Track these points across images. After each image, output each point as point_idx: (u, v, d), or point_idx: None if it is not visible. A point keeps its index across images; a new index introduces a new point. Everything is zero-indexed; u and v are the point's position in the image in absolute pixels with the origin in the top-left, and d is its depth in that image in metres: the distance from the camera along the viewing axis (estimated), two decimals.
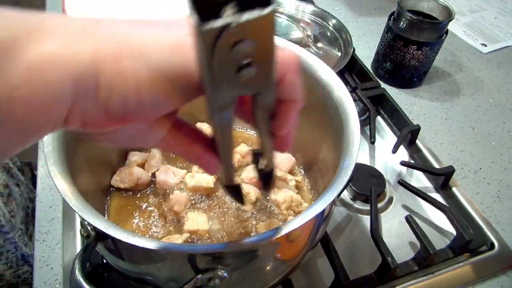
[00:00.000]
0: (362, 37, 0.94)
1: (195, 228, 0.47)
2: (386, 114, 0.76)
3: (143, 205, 0.52)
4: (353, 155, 0.39)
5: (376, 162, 0.69)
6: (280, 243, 0.38)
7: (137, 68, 0.19)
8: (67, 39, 0.18)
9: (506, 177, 0.68)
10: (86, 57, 0.19)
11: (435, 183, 0.65)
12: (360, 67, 0.82)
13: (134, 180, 0.52)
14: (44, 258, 0.53)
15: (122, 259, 0.40)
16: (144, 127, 0.24)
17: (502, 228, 0.61)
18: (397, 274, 0.53)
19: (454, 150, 0.72)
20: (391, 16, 0.78)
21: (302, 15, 0.89)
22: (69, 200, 0.36)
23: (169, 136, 0.26)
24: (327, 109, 0.46)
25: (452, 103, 0.81)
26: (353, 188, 0.62)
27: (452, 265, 0.56)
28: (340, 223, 0.61)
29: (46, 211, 0.58)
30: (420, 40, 0.74)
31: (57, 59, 0.18)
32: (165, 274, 0.40)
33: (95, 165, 0.49)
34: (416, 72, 0.80)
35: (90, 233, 0.37)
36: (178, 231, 0.48)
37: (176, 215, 0.50)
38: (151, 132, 0.25)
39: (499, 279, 0.55)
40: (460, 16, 1.02)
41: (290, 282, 0.50)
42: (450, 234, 0.59)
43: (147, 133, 0.25)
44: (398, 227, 0.60)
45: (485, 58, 0.91)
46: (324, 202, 0.36)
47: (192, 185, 0.52)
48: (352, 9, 1.02)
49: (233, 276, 0.37)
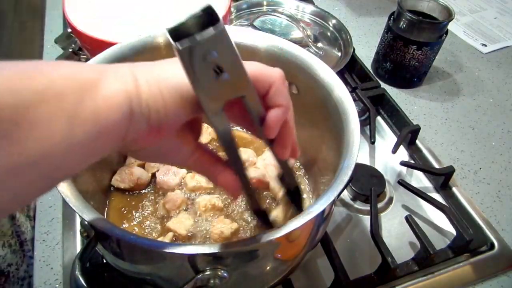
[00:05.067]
0: (362, 37, 0.94)
1: (174, 228, 0.47)
2: (386, 114, 0.76)
3: (143, 205, 0.52)
4: (353, 155, 0.39)
5: (376, 162, 0.69)
6: (280, 243, 0.38)
7: (162, 91, 0.28)
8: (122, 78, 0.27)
9: (506, 177, 0.68)
10: (134, 89, 0.27)
11: (435, 183, 0.65)
12: (360, 67, 0.82)
13: (134, 180, 0.52)
14: (44, 258, 0.53)
15: (122, 259, 0.40)
16: (174, 144, 0.32)
17: (502, 228, 0.61)
18: (397, 274, 0.53)
19: (454, 150, 0.72)
20: (391, 16, 0.79)
21: (302, 15, 0.89)
22: (69, 200, 0.36)
23: (195, 156, 0.34)
24: (327, 109, 0.46)
25: (452, 103, 0.81)
26: (353, 188, 0.62)
27: (452, 265, 0.56)
28: (340, 223, 0.61)
29: (46, 211, 0.58)
30: (420, 40, 0.74)
31: (121, 92, 0.26)
32: (165, 274, 0.40)
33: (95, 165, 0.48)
34: (416, 72, 0.80)
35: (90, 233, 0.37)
36: (165, 230, 0.49)
37: (167, 213, 0.50)
38: (179, 149, 0.33)
39: (499, 279, 0.55)
40: (460, 16, 1.02)
41: (290, 282, 0.50)
42: (450, 234, 0.59)
43: (176, 149, 0.33)
44: (398, 227, 0.60)
45: (485, 58, 0.91)
46: (324, 202, 0.36)
47: (192, 185, 0.52)
48: (352, 9, 1.02)
49: (233, 276, 0.37)
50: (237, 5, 0.88)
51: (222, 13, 0.64)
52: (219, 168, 0.35)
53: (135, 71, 0.28)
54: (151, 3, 0.66)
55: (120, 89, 0.26)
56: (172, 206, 0.50)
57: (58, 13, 0.93)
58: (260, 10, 0.90)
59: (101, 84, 0.26)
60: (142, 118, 0.28)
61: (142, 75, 0.28)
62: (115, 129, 0.27)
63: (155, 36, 0.50)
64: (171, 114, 0.28)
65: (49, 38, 0.86)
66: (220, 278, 0.36)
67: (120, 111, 0.26)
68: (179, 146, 0.33)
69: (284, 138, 0.33)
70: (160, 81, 0.28)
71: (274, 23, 0.85)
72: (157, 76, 0.28)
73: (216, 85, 0.27)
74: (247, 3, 0.89)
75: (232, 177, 0.35)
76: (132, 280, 0.44)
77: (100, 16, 0.62)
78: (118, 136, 0.27)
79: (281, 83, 0.31)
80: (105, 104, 0.26)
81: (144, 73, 0.28)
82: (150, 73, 0.28)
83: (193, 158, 0.34)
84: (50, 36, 0.86)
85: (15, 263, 0.61)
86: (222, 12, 0.64)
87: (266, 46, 0.50)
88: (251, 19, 0.85)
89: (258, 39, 0.51)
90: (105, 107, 0.26)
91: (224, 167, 0.35)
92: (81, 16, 0.61)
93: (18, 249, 0.63)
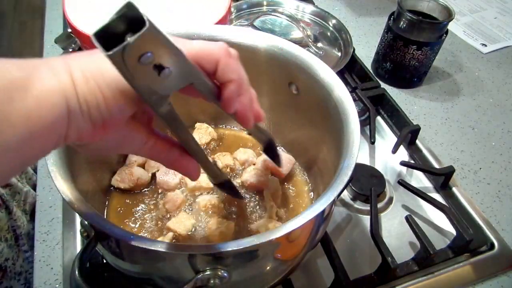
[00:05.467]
0: (362, 37, 0.94)
1: (174, 228, 0.47)
2: (386, 114, 0.76)
3: (143, 205, 0.52)
4: (353, 155, 0.39)
5: (376, 162, 0.69)
6: (280, 243, 0.38)
7: (100, 86, 0.26)
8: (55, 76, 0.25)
9: (506, 177, 0.68)
10: (70, 86, 0.25)
11: (435, 183, 0.65)
12: (360, 67, 0.82)
13: (134, 180, 0.52)
14: (44, 258, 0.53)
15: (122, 259, 0.40)
16: (125, 134, 0.30)
17: (502, 228, 0.61)
18: (397, 274, 0.53)
19: (454, 150, 0.72)
20: (391, 16, 0.79)
21: (302, 15, 0.89)
22: (69, 200, 0.36)
23: (149, 143, 0.32)
24: (327, 109, 0.46)
25: (452, 103, 0.81)
26: (353, 188, 0.62)
27: (452, 265, 0.56)
28: (340, 223, 0.61)
29: (46, 211, 0.58)
30: (420, 40, 0.74)
31: (54, 90, 0.25)
32: (165, 274, 0.40)
33: (95, 165, 0.49)
34: (416, 72, 0.80)
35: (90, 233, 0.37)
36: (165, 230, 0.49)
37: (167, 213, 0.50)
38: (131, 138, 0.31)
39: (499, 279, 0.55)
40: (460, 16, 1.02)
41: (290, 282, 0.50)
42: (450, 234, 0.59)
43: (129, 139, 0.31)
44: (398, 227, 0.60)
45: (485, 58, 0.91)
46: (324, 202, 0.36)
47: (192, 185, 0.52)
48: (352, 9, 1.02)
49: (233, 276, 0.37)
50: (237, 5, 0.88)
51: (222, 13, 0.64)
52: (176, 154, 0.34)
53: (71, 64, 0.26)
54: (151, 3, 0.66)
55: (54, 87, 0.25)
56: (172, 206, 0.50)
57: (58, 13, 0.93)
58: (260, 10, 0.90)
59: (32, 83, 0.24)
60: (82, 116, 0.26)
61: (78, 68, 0.26)
62: (51, 130, 0.25)
63: None
64: (114, 110, 0.27)
65: (49, 38, 0.86)
66: (220, 278, 0.36)
67: (55, 111, 0.25)
68: (130, 135, 0.31)
69: (243, 110, 0.33)
70: (97, 75, 0.26)
71: (274, 23, 0.85)
72: (95, 69, 0.26)
73: (159, 81, 0.26)
74: (247, 3, 0.89)
75: (188, 161, 0.34)
76: (132, 280, 0.44)
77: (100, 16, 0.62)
78: (56, 136, 0.26)
79: (226, 58, 0.30)
80: (36, 105, 0.24)
81: (81, 66, 0.26)
82: (87, 66, 0.26)
83: (148, 145, 0.32)
84: (50, 36, 0.86)
85: (11, 258, 0.61)
86: (222, 12, 0.64)
87: (266, 46, 0.50)
88: (251, 19, 0.85)
89: (258, 39, 0.51)
90: (36, 107, 0.24)
91: (180, 151, 0.34)
92: (81, 16, 0.61)
93: (14, 244, 0.63)
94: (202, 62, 0.29)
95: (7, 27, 2.35)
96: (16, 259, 0.62)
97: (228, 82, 0.31)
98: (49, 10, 0.95)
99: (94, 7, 0.64)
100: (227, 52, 0.30)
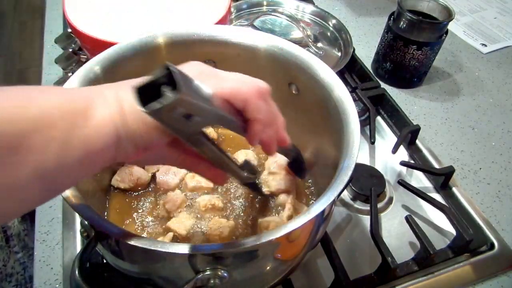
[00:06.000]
0: (362, 37, 0.94)
1: (174, 228, 0.47)
2: (386, 114, 0.76)
3: (143, 205, 0.52)
4: (353, 155, 0.39)
5: (376, 162, 0.69)
6: (280, 243, 0.38)
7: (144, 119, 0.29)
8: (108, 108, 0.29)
9: (506, 177, 0.68)
10: (119, 119, 0.29)
11: (435, 183, 0.65)
12: (360, 67, 0.82)
13: (134, 180, 0.52)
14: (44, 258, 0.53)
15: (122, 259, 0.40)
16: (163, 152, 0.35)
17: (502, 228, 0.61)
18: (397, 274, 0.53)
19: (454, 150, 0.72)
20: (391, 16, 0.79)
21: (302, 15, 0.89)
22: (69, 200, 0.36)
23: (181, 157, 0.37)
24: (327, 109, 0.46)
25: (452, 103, 0.81)
26: (353, 188, 0.62)
27: (452, 265, 0.56)
28: (340, 223, 0.61)
29: (46, 211, 0.58)
30: (420, 40, 0.74)
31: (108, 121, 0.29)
32: (165, 274, 0.40)
33: None
34: (416, 72, 0.80)
35: (90, 233, 0.37)
36: (165, 230, 0.49)
37: (167, 213, 0.50)
38: (168, 155, 0.36)
39: (499, 279, 0.55)
40: (460, 16, 1.02)
41: (290, 282, 0.50)
42: (450, 234, 0.59)
43: (165, 156, 0.36)
44: (398, 227, 0.60)
45: (485, 58, 0.91)
46: (324, 202, 0.36)
47: (192, 185, 0.52)
48: (352, 9, 1.02)
49: (233, 276, 0.37)
50: (237, 5, 0.88)
51: (222, 13, 0.64)
52: (204, 166, 0.38)
53: (121, 97, 0.30)
54: (151, 3, 0.66)
55: (108, 119, 0.29)
56: (172, 206, 0.50)
57: (58, 13, 0.93)
58: (260, 10, 0.90)
59: (89, 113, 0.28)
60: (128, 143, 0.30)
61: (127, 101, 0.30)
62: (104, 154, 0.30)
63: (155, 36, 0.50)
64: (154, 138, 0.31)
65: (49, 38, 0.86)
66: (220, 278, 0.36)
67: (108, 139, 0.29)
68: (167, 154, 0.36)
69: (266, 141, 0.36)
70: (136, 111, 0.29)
71: (274, 23, 0.85)
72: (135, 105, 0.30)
73: (188, 125, 0.29)
74: (247, 3, 0.89)
75: (216, 171, 0.39)
76: (132, 280, 0.44)
77: (100, 16, 0.62)
78: (107, 158, 0.30)
79: (255, 98, 0.33)
80: (93, 133, 0.28)
81: (128, 100, 0.30)
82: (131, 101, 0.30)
83: (180, 159, 0.37)
84: (50, 36, 0.86)
85: (2, 259, 0.61)
86: (222, 12, 0.64)
87: (266, 46, 0.50)
88: (251, 19, 0.85)
89: (258, 39, 0.51)
90: (93, 135, 0.28)
91: (209, 163, 0.38)
92: (81, 16, 0.61)
93: (5, 245, 0.62)
94: (232, 101, 0.32)
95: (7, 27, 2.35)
96: (7, 261, 0.62)
97: (254, 121, 0.33)
98: (49, 10, 0.95)
99: (94, 7, 0.64)
100: (257, 92, 0.33)
